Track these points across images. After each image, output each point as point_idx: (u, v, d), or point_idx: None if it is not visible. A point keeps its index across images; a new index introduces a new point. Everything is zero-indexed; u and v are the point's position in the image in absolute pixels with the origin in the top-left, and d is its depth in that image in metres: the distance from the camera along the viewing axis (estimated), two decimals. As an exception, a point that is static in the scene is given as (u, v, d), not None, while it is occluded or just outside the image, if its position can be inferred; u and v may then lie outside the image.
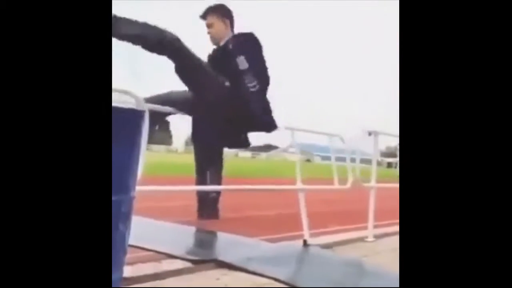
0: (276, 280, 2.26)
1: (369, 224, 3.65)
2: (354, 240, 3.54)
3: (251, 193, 5.95)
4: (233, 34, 3.80)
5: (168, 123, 2.96)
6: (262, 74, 3.40)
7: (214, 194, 4.15)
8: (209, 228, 3.69)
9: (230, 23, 3.85)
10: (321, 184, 4.37)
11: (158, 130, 2.84)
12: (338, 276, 2.53)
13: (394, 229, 3.74)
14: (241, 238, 3.26)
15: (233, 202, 4.66)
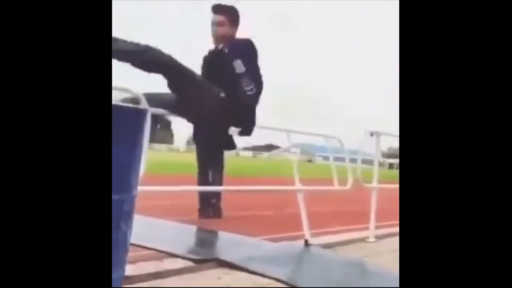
0: (277, 280, 2.26)
1: (370, 224, 3.65)
2: (355, 240, 3.55)
3: (252, 192, 5.95)
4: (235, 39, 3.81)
5: (169, 122, 2.97)
6: (258, 79, 3.43)
7: (216, 194, 4.16)
8: (210, 227, 3.69)
9: (236, 28, 3.87)
10: (322, 184, 4.36)
11: (159, 129, 2.83)
12: (339, 276, 2.53)
13: (396, 230, 3.73)
14: (242, 237, 3.26)
15: (234, 201, 4.66)
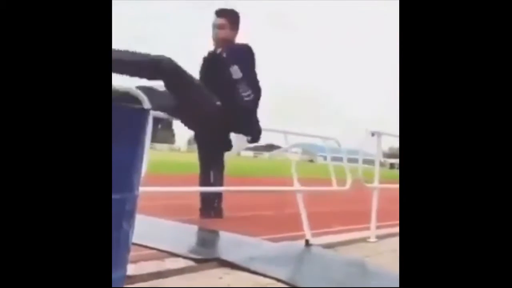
0: (278, 280, 2.27)
1: (371, 224, 3.65)
2: (356, 240, 3.55)
3: (253, 192, 5.95)
4: (234, 43, 3.83)
5: (171, 122, 2.96)
6: (255, 85, 3.44)
7: (218, 195, 4.17)
8: (211, 227, 3.70)
9: (236, 32, 3.87)
10: (324, 184, 4.36)
11: (160, 129, 2.83)
12: (340, 276, 2.53)
13: (397, 230, 3.73)
14: (243, 237, 3.27)
15: (234, 201, 4.66)
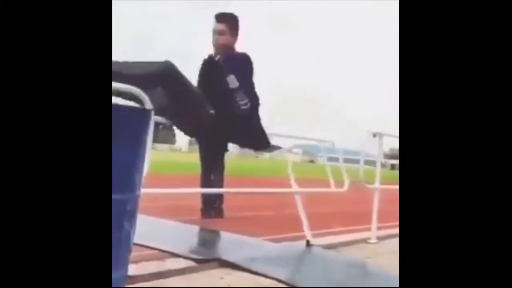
0: (279, 281, 2.27)
1: (372, 225, 3.65)
2: (357, 241, 3.55)
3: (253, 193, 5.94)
4: (233, 49, 3.83)
5: (171, 122, 2.95)
6: (252, 93, 3.43)
7: (219, 196, 4.18)
8: (212, 227, 3.70)
9: (236, 38, 3.88)
10: (324, 184, 4.36)
11: (161, 129, 2.83)
12: (341, 277, 2.53)
13: (398, 231, 3.72)
14: (244, 238, 3.27)
15: (235, 202, 4.66)
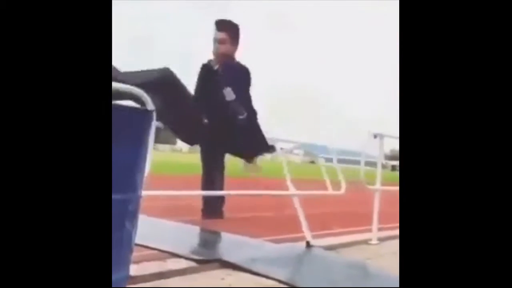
0: (280, 281, 2.27)
1: (373, 226, 3.65)
2: (357, 242, 3.55)
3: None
4: (233, 59, 3.83)
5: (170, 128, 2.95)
6: (249, 106, 3.45)
7: (220, 197, 4.18)
8: (212, 227, 3.70)
9: (236, 47, 3.88)
10: (324, 185, 4.36)
11: (163, 129, 2.83)
12: (341, 278, 2.54)
13: (398, 232, 3.72)
14: (245, 238, 3.27)
15: (235, 202, 4.66)
